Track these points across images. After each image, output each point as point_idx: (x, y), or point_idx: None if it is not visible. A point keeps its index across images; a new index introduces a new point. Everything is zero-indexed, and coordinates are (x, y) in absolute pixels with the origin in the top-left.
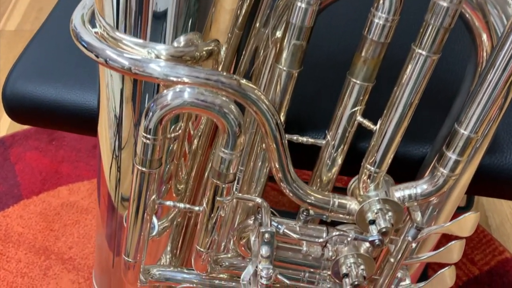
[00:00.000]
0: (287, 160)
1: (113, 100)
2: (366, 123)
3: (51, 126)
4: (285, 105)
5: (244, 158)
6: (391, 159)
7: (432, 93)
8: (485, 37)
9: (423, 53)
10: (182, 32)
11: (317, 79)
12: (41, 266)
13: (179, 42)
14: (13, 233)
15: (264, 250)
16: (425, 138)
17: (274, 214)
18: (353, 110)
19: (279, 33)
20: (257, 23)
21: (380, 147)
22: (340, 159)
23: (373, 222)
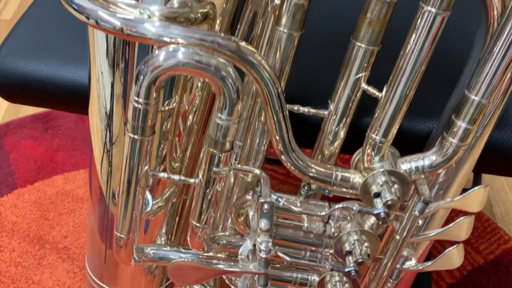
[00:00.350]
0: (288, 130)
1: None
2: (371, 90)
3: (43, 104)
4: (285, 73)
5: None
6: (397, 128)
7: (438, 68)
8: None
9: (432, 10)
10: None
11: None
12: (35, 256)
13: (173, 3)
14: (7, 222)
15: (263, 223)
16: (431, 113)
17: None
18: (358, 76)
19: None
20: None
21: (386, 115)
22: (342, 132)
23: (378, 195)
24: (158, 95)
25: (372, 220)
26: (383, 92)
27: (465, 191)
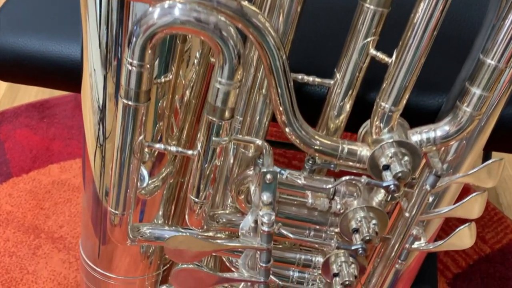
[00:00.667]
0: (292, 100)
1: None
2: (380, 56)
3: (35, 81)
4: (288, 37)
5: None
6: (407, 98)
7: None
8: None
9: None
10: None
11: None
12: (30, 245)
13: None
14: (1, 211)
15: (266, 196)
16: (440, 88)
17: None
18: (366, 41)
19: None
20: None
21: (397, 82)
22: (348, 105)
23: (387, 167)
24: (153, 57)
25: (380, 196)
26: (393, 57)
27: None
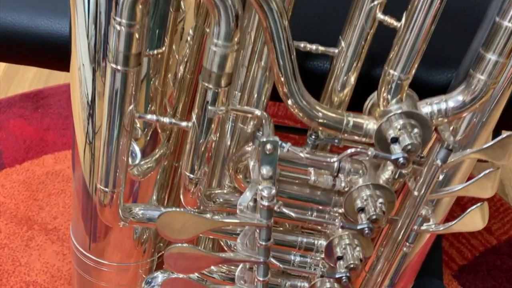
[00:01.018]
0: (294, 69)
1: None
2: (388, 20)
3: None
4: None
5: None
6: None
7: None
8: None
9: None
10: None
11: None
12: (23, 237)
13: None
14: None
15: (265, 170)
16: (449, 63)
17: None
18: (373, 4)
19: None
20: None
21: (406, 46)
22: (354, 76)
23: (395, 140)
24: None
25: (387, 174)
26: (402, 21)
27: None
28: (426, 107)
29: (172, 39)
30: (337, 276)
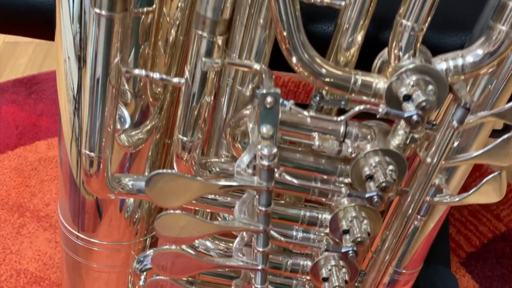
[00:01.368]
0: (297, 22)
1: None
2: None
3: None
4: None
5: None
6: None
7: None
8: None
9: None
10: None
11: None
12: (14, 224)
13: None
14: None
15: (266, 128)
16: (462, 26)
17: None
18: None
19: None
20: None
21: None
22: (361, 34)
23: (408, 97)
24: None
25: (397, 140)
26: None
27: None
28: (441, 64)
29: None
30: (343, 250)
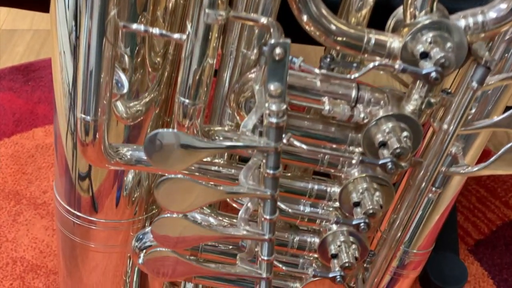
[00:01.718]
0: None
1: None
2: None
3: None
4: None
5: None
6: None
7: None
8: None
9: None
10: None
11: None
12: (10, 212)
13: None
14: None
15: (274, 86)
16: None
17: None
18: None
19: None
20: None
21: None
22: None
23: (425, 55)
24: None
25: (411, 106)
26: None
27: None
28: (460, 21)
29: None
30: (354, 222)
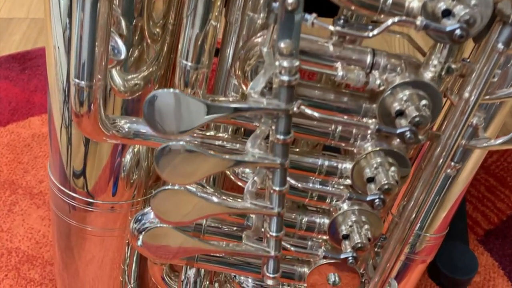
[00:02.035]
0: None
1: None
2: None
3: None
4: None
5: None
6: None
7: None
8: None
9: None
10: None
11: None
12: (6, 202)
13: None
14: None
15: (284, 43)
16: None
17: None
18: None
19: None
20: None
21: None
22: None
23: (448, 13)
24: None
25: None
26: None
27: None
28: None
29: None
30: (368, 198)
